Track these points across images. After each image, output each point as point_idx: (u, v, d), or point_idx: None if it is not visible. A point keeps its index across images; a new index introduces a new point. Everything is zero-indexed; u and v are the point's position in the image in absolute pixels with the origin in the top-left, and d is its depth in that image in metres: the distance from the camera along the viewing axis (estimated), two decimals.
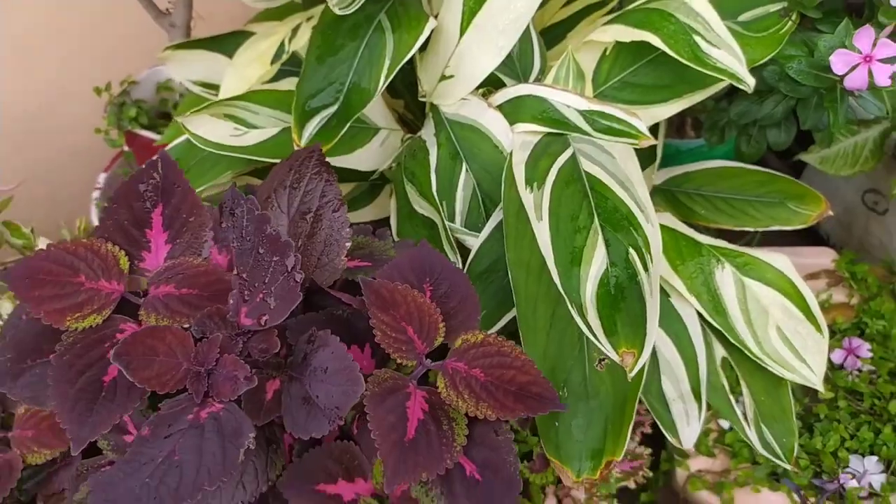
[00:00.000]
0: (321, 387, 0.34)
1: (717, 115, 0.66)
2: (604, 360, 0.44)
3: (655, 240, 0.45)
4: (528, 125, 0.53)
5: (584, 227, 0.44)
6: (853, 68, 0.51)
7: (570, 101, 0.55)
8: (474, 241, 0.50)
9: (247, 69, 0.57)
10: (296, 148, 0.52)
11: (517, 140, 0.52)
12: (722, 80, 0.55)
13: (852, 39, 0.51)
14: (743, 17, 0.62)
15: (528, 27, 0.62)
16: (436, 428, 0.33)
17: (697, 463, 0.70)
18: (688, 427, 0.53)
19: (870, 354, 0.78)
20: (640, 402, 0.51)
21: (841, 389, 0.75)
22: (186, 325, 0.36)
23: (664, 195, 0.69)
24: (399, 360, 0.35)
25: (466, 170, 0.53)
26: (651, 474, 0.63)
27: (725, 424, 0.71)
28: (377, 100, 0.64)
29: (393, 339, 0.35)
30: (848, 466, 0.70)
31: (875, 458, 0.70)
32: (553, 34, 0.70)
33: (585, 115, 0.55)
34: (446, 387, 0.35)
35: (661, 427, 0.54)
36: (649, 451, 0.63)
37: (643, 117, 0.59)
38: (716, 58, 0.55)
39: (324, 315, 0.39)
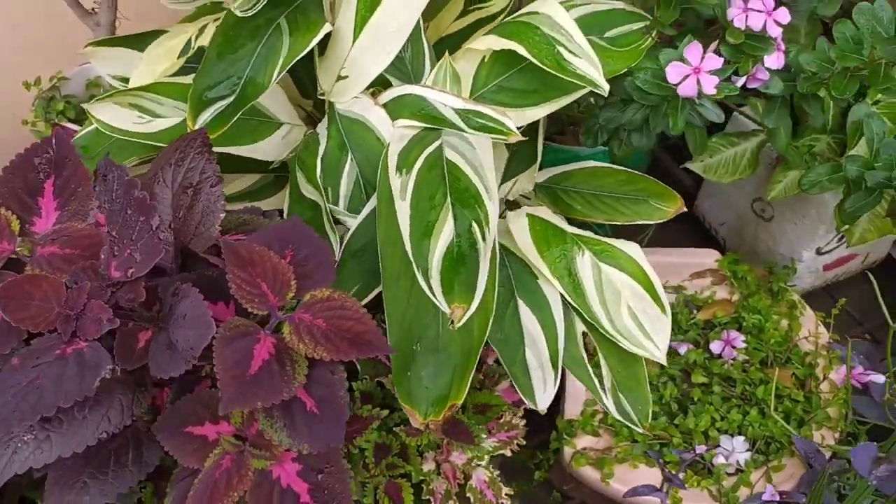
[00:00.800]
0: (180, 332, 0.39)
1: (592, 121, 0.73)
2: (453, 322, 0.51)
3: (494, 214, 0.51)
4: (407, 121, 0.59)
5: (438, 205, 0.50)
6: (685, 78, 0.58)
7: (448, 101, 0.61)
8: (353, 222, 0.56)
9: (155, 63, 0.62)
10: None
11: (396, 133, 0.58)
12: (582, 86, 0.62)
13: (683, 52, 0.58)
14: (609, 34, 0.69)
15: (420, 35, 0.69)
16: (279, 367, 0.39)
17: (583, 441, 0.77)
18: (544, 392, 0.60)
19: (744, 345, 0.85)
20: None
21: (716, 376, 0.83)
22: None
23: (546, 191, 0.76)
24: (253, 311, 0.41)
25: (351, 159, 0.60)
26: (524, 443, 0.69)
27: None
28: (282, 97, 0.70)
29: (247, 292, 0.41)
30: (718, 445, 0.77)
31: (742, 437, 0.77)
32: (450, 43, 0.77)
33: (461, 113, 0.61)
34: (290, 333, 0.40)
35: (519, 392, 0.60)
36: (524, 422, 0.69)
37: (517, 118, 0.66)
38: (576, 66, 0.62)
39: (194, 275, 0.44)
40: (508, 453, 0.70)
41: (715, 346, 0.87)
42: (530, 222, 0.67)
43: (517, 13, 0.64)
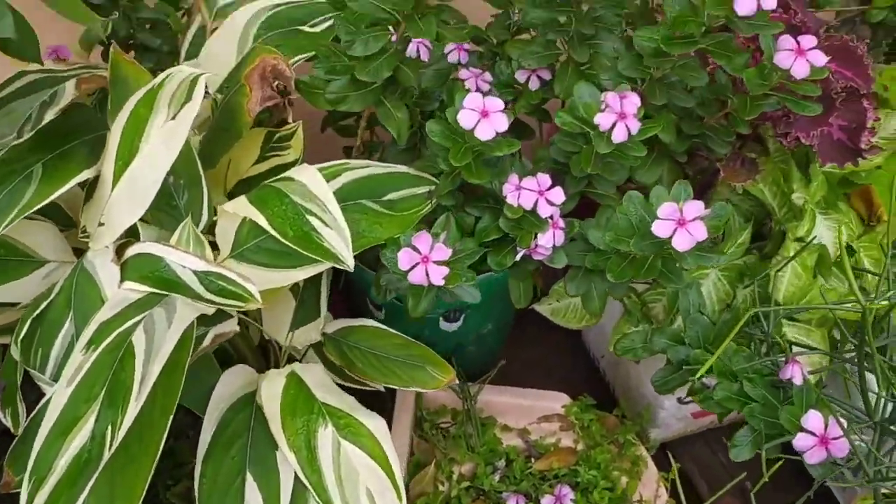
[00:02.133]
0: None
1: (380, 279, 0.71)
2: None
3: (131, 417, 0.48)
4: (132, 283, 0.58)
5: (93, 398, 0.47)
6: (414, 266, 0.57)
7: (188, 262, 0.60)
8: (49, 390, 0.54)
9: None
10: None
11: (117, 297, 0.57)
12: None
13: (411, 240, 0.57)
14: (389, 196, 0.68)
15: (200, 181, 0.68)
16: None
17: None
18: None
19: None
20: None
21: None
22: None
23: (334, 344, 0.74)
24: None
25: (71, 319, 0.58)
26: None
27: None
28: (51, 234, 0.68)
29: None
30: None
31: None
32: (248, 187, 0.76)
33: (201, 276, 0.60)
34: None
35: None
36: None
37: (280, 279, 0.64)
38: (325, 238, 0.60)
39: None
40: None
41: (546, 502, 0.84)
42: (286, 384, 0.65)
43: (276, 178, 0.63)
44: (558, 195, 0.66)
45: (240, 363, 0.78)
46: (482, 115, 0.60)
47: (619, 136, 0.62)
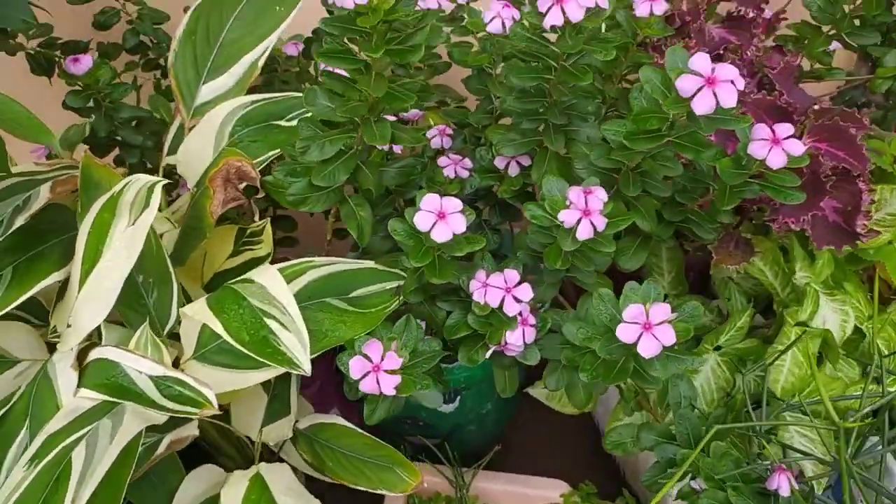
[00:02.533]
0: None
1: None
2: None
3: None
4: (88, 391, 0.57)
5: None
6: (366, 374, 0.55)
7: (144, 367, 0.59)
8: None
9: None
10: None
11: (71, 405, 0.56)
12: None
13: (362, 347, 0.56)
14: (356, 293, 0.67)
15: (170, 279, 0.68)
16: None
17: None
18: None
19: None
20: None
21: None
22: None
23: (306, 440, 0.72)
24: None
25: (27, 426, 0.57)
26: None
27: None
28: (23, 333, 0.69)
29: None
30: None
31: None
32: (223, 279, 0.76)
33: (157, 381, 0.59)
34: None
35: None
36: None
37: (240, 380, 0.63)
38: (283, 342, 0.59)
39: None
40: None
41: None
42: (248, 489, 0.63)
43: (236, 279, 0.63)
44: (526, 292, 0.63)
45: (219, 457, 0.77)
46: (439, 217, 0.59)
47: (583, 233, 0.61)
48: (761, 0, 0.83)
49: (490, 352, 0.66)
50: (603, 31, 0.65)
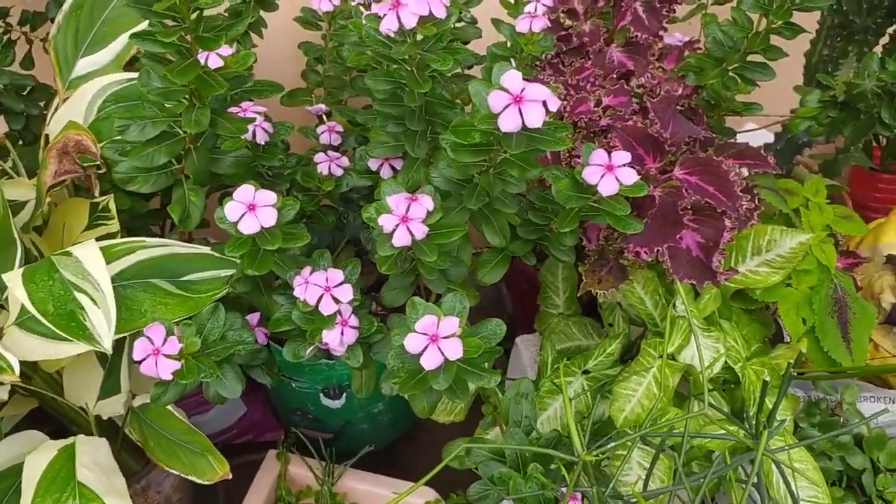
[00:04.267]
0: None
1: None
2: None
3: None
4: None
5: None
6: (145, 357, 0.56)
7: None
8: None
9: None
10: None
11: None
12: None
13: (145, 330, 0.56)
14: (188, 277, 0.67)
15: (15, 240, 0.69)
16: None
17: None
18: None
19: None
20: None
21: None
22: None
23: (137, 419, 0.73)
24: None
25: None
26: None
27: None
28: None
29: None
30: None
31: None
32: None
33: None
34: None
35: None
36: None
37: (53, 351, 0.64)
38: (91, 318, 0.60)
39: None
40: None
41: None
42: (54, 459, 0.64)
43: (60, 251, 0.63)
44: (346, 293, 0.63)
45: (72, 428, 0.77)
46: (248, 209, 0.59)
47: (399, 240, 0.60)
48: (658, 27, 0.82)
49: (310, 350, 0.66)
50: (448, 41, 0.65)
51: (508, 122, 0.54)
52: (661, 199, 0.73)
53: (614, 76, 0.84)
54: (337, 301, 0.63)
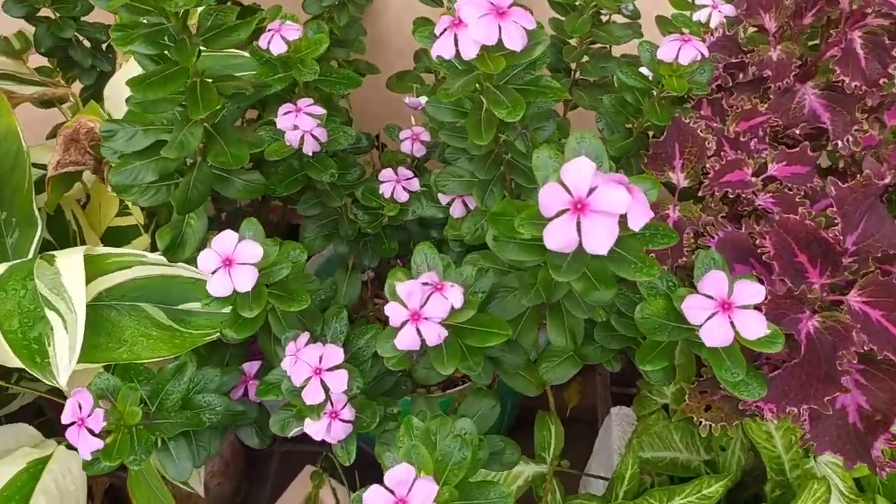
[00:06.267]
0: None
1: None
2: None
3: None
4: None
5: None
6: (71, 424, 0.46)
7: None
8: None
9: None
10: None
11: None
12: None
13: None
14: (188, 306, 0.57)
15: (37, 220, 0.63)
16: None
17: None
18: None
19: None
20: None
21: None
22: None
23: None
24: None
25: None
26: None
27: None
28: None
29: None
30: None
31: None
32: (113, 235, 0.70)
33: None
34: None
35: None
36: None
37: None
38: (56, 343, 0.52)
39: None
40: None
41: None
42: (15, 476, 0.58)
43: (47, 253, 0.55)
44: (339, 381, 0.50)
45: None
46: (224, 264, 0.46)
47: (404, 342, 0.45)
48: (881, 74, 0.56)
49: (299, 429, 0.54)
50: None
51: (556, 238, 0.35)
52: (816, 336, 0.50)
53: (797, 132, 0.59)
54: (325, 388, 0.50)
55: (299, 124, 0.60)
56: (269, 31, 0.64)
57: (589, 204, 0.35)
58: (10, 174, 0.63)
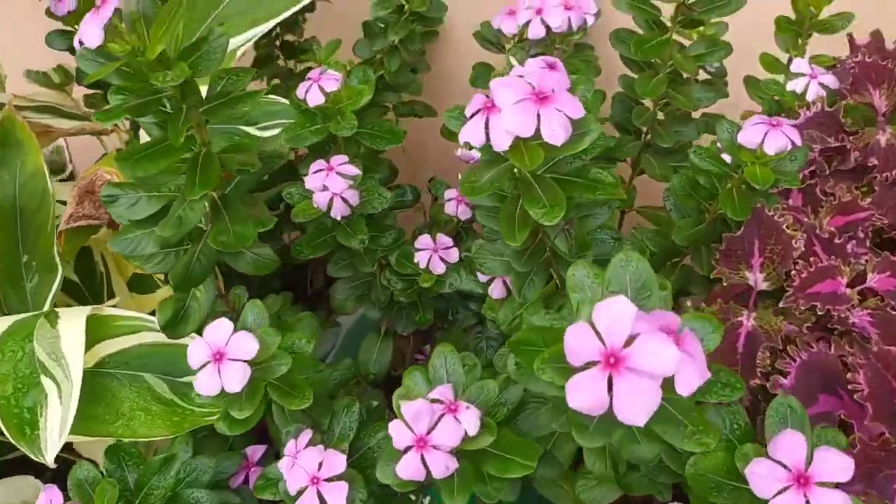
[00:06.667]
0: None
1: None
2: None
3: None
4: None
5: None
6: None
7: None
8: None
9: None
10: None
11: None
12: None
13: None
14: (191, 379, 0.53)
15: (56, 265, 0.60)
16: None
17: None
18: None
19: None
20: None
21: None
22: None
23: None
24: None
25: None
26: None
27: None
28: None
29: None
30: None
31: None
32: (140, 281, 0.67)
33: None
34: None
35: None
36: None
37: None
38: (49, 415, 0.48)
39: None
40: None
41: None
42: None
43: (46, 311, 0.52)
44: (338, 494, 0.44)
45: None
46: (214, 359, 0.41)
47: (407, 471, 0.38)
48: None
49: None
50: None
51: (579, 398, 0.28)
52: None
53: None
54: (325, 502, 0.44)
55: (329, 185, 0.55)
56: (307, 79, 0.59)
57: (625, 359, 0.28)
58: (35, 214, 0.61)
